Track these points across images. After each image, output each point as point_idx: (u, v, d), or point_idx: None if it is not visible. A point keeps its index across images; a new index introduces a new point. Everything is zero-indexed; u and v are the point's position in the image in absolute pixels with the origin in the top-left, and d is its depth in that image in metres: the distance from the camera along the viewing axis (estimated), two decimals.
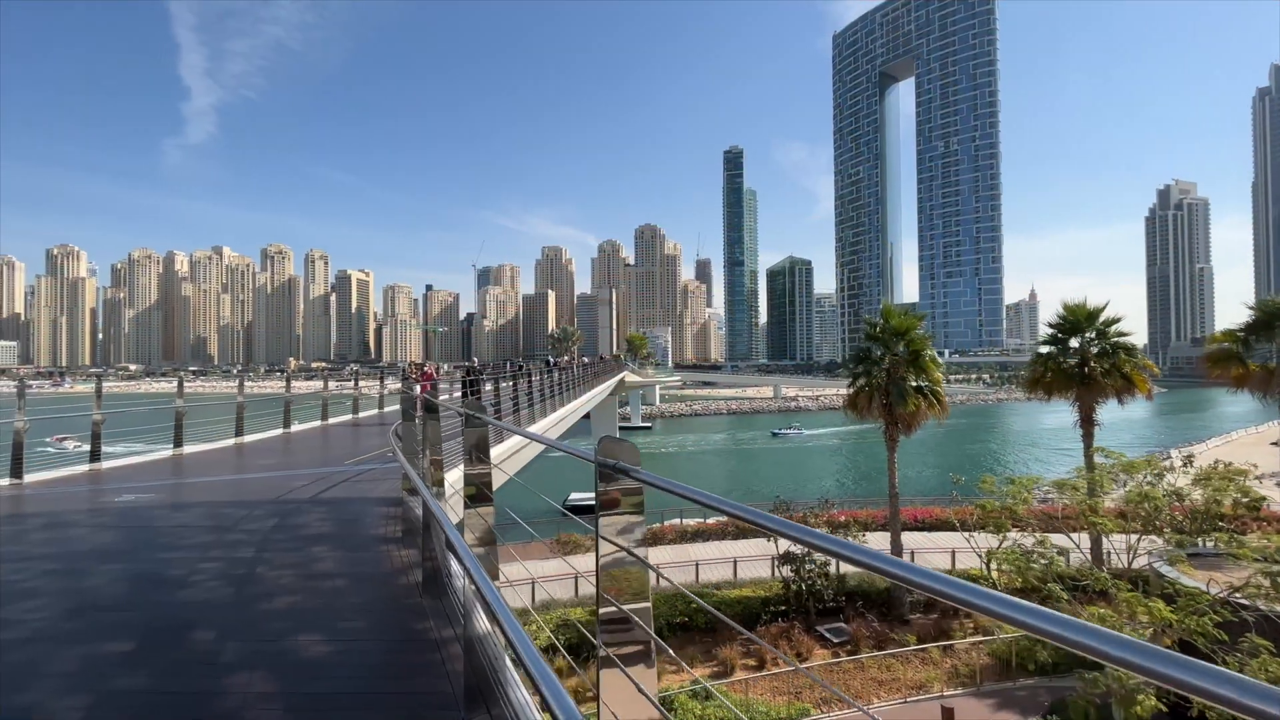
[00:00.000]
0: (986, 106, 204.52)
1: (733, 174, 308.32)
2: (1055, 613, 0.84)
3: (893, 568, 1.11)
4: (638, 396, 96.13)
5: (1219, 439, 65.68)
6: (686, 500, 1.68)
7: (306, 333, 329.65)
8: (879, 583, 21.96)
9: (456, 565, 4.63)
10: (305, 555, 5.38)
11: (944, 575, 1.04)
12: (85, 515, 7.24)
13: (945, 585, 1.01)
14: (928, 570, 1.08)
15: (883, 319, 22.67)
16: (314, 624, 3.88)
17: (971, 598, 0.97)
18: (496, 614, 2.09)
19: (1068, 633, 0.82)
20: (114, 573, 4.93)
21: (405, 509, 6.41)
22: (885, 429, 22.33)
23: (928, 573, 1.07)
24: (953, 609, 20.80)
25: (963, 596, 0.97)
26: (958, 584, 0.99)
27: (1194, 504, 16.78)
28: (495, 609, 2.13)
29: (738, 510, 1.50)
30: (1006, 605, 0.91)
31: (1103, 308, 23.13)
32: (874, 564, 1.14)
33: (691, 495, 1.62)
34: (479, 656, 3.03)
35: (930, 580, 1.05)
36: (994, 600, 0.94)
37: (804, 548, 18.61)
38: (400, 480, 7.27)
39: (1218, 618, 11.69)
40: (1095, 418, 22.68)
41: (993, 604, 0.93)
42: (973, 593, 0.97)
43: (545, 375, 20.10)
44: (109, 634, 3.74)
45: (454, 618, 3.92)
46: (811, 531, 1.30)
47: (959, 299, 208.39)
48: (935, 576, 1.05)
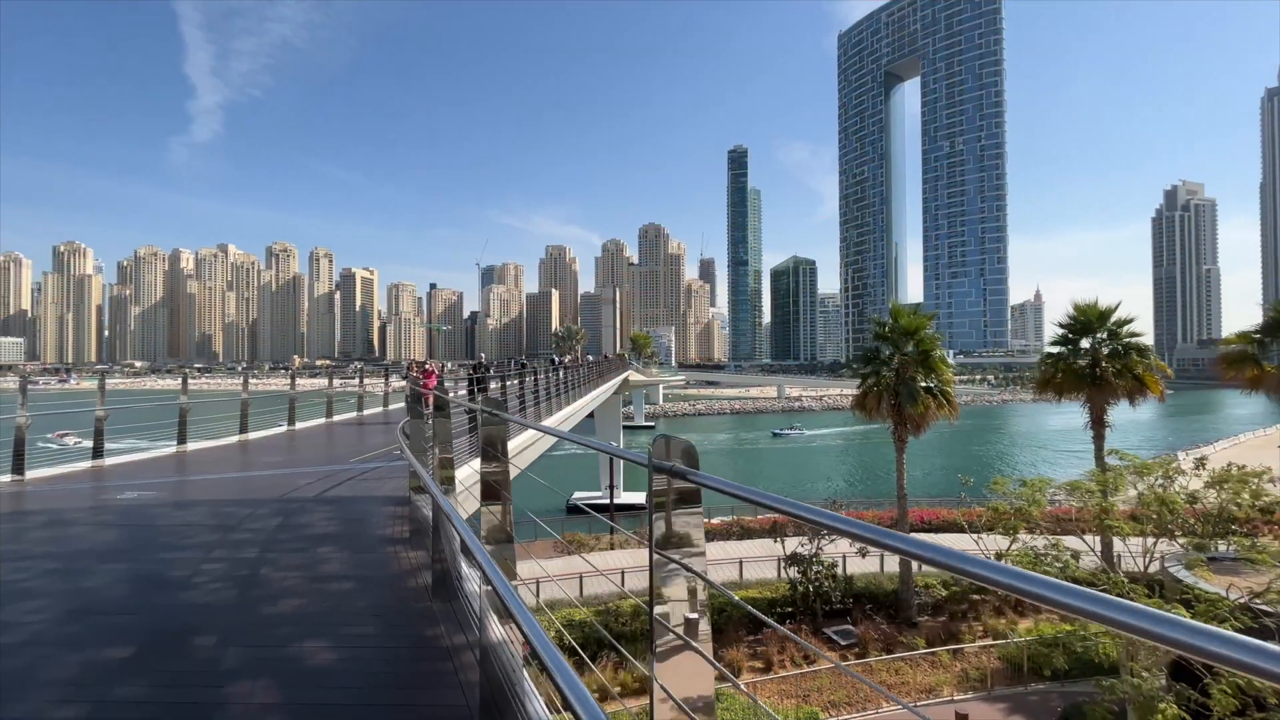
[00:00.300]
0: (992, 106, 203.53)
1: (737, 173, 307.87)
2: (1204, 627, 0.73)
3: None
4: (641, 396, 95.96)
5: (1226, 441, 65.16)
6: (752, 504, 1.49)
7: (311, 330, 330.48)
8: (886, 584, 21.75)
9: (467, 568, 4.47)
10: (310, 556, 5.23)
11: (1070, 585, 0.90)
12: (87, 513, 7.11)
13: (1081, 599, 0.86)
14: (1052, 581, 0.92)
15: (892, 318, 22.44)
16: (319, 630, 3.73)
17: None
18: (518, 620, 1.92)
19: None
20: (115, 573, 4.80)
21: (413, 508, 6.26)
22: (894, 430, 22.09)
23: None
24: (961, 611, 20.59)
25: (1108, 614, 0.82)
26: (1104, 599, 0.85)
27: (1206, 507, 16.51)
28: (517, 615, 1.96)
29: (813, 514, 1.32)
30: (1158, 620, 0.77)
31: (1114, 308, 22.85)
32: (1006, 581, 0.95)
33: (760, 499, 1.44)
34: (495, 666, 2.85)
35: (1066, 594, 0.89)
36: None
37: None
38: (407, 479, 7.11)
39: (1238, 624, 11.46)
40: (1106, 419, 22.40)
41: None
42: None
43: (551, 373, 19.94)
44: (109, 638, 3.61)
45: (465, 623, 3.75)
46: (915, 540, 1.11)
47: (964, 299, 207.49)
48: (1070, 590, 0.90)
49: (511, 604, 2.04)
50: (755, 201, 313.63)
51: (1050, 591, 0.89)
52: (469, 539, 2.82)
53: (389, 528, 6.15)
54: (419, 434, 6.70)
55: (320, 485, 8.31)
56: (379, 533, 5.99)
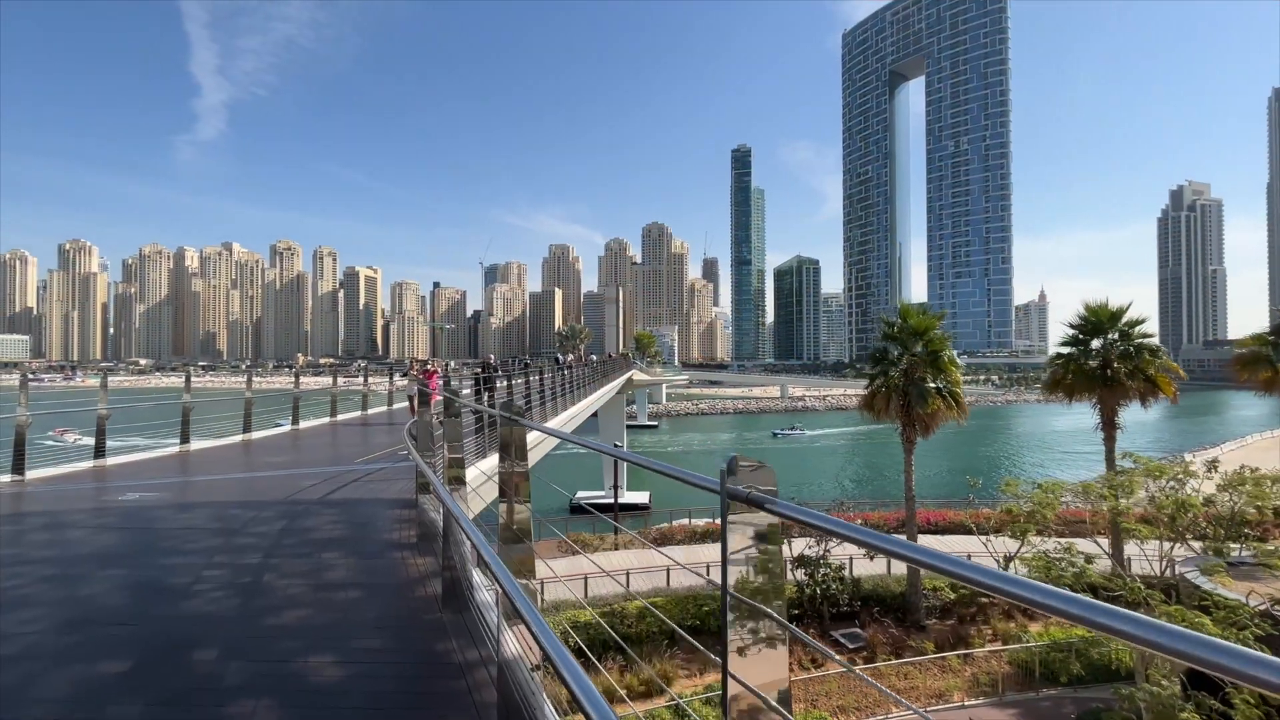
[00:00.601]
0: (997, 106, 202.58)
1: (740, 173, 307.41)
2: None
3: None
4: (644, 395, 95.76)
5: (1234, 443, 64.71)
6: (857, 544, 1.28)
7: (314, 329, 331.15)
8: (894, 587, 21.51)
9: (479, 577, 4.28)
10: (315, 563, 5.06)
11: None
12: (87, 516, 6.96)
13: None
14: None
15: (901, 318, 22.18)
16: (325, 643, 3.56)
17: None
18: (540, 640, 1.73)
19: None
20: (114, 580, 4.65)
21: (419, 512, 6.09)
22: (902, 430, 21.83)
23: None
24: (970, 614, 20.35)
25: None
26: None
27: (1218, 510, 16.26)
28: (539, 635, 1.77)
29: (912, 553, 1.13)
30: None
31: (1126, 308, 22.56)
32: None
33: (868, 539, 1.22)
34: (513, 688, 2.67)
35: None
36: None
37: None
38: (413, 480, 6.94)
39: (1259, 631, 11.22)
40: (1117, 421, 22.13)
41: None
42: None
43: (557, 373, 19.77)
44: (106, 651, 3.45)
45: (478, 637, 3.57)
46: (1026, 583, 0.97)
47: (968, 299, 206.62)
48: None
49: (533, 622, 1.86)
50: (759, 201, 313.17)
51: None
52: (483, 548, 2.64)
53: (396, 532, 5.98)
54: (426, 435, 6.53)
55: (325, 487, 8.15)
56: (385, 537, 5.83)
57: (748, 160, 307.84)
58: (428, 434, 6.63)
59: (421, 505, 6.18)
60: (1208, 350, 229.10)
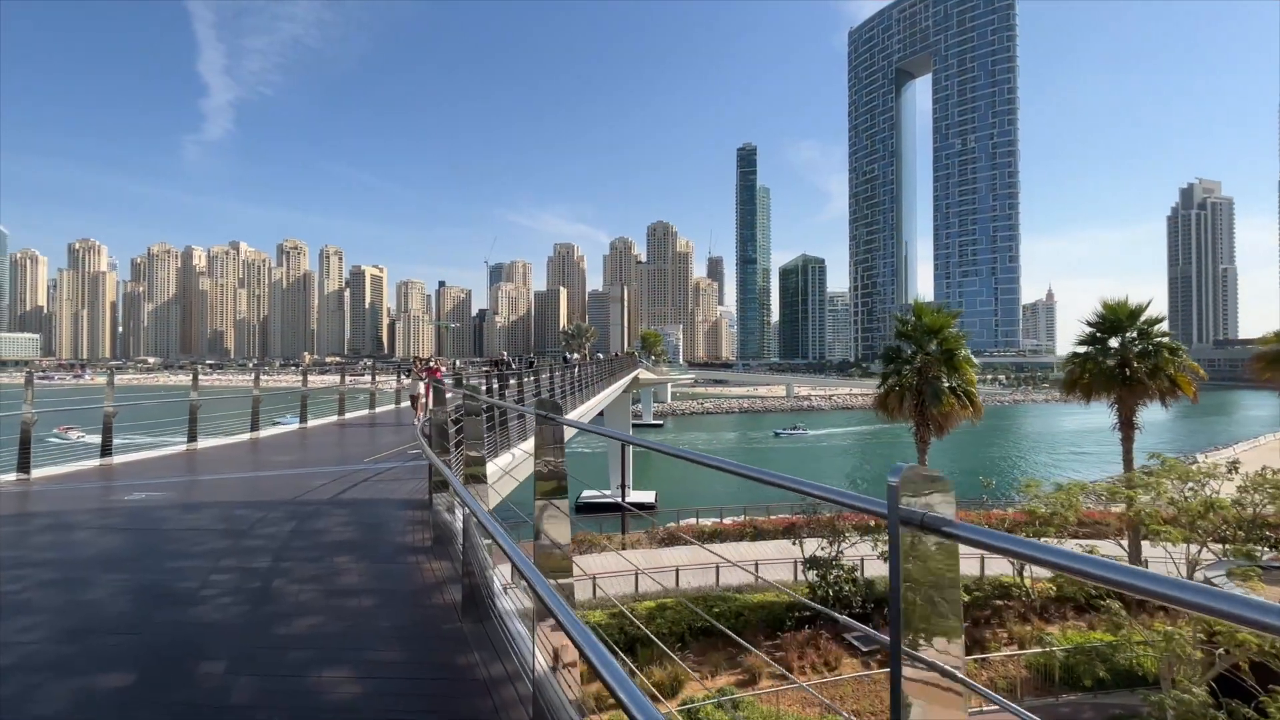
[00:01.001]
0: (1005, 103, 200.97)
1: (746, 171, 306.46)
2: None
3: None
4: (649, 394, 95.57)
5: (1246, 443, 64.04)
6: (1053, 568, 0.96)
7: (321, 328, 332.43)
8: None
9: (500, 583, 4.05)
10: (326, 567, 4.84)
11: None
12: (92, 516, 6.77)
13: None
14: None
15: (915, 316, 21.87)
16: (337, 655, 3.33)
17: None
18: (590, 657, 1.49)
19: None
20: (118, 584, 4.45)
21: (434, 513, 5.88)
22: (915, 430, 21.53)
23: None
24: (984, 617, 20.01)
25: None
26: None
27: (1243, 512, 15.88)
28: (583, 644, 1.54)
29: (1143, 580, 0.90)
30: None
31: (1145, 305, 22.21)
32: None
33: (1061, 562, 0.95)
34: (548, 712, 2.44)
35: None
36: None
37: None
38: (426, 480, 6.72)
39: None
40: (1135, 421, 21.75)
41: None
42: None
43: (565, 371, 19.61)
44: (108, 662, 3.24)
45: (503, 650, 3.34)
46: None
47: (975, 299, 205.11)
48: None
49: (575, 630, 1.62)
50: (764, 200, 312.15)
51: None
52: (512, 552, 2.40)
53: (409, 534, 5.77)
54: (441, 433, 6.31)
55: (334, 487, 7.95)
56: (399, 540, 5.61)
57: (753, 159, 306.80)
58: (443, 432, 6.41)
59: (435, 506, 5.97)
60: (1218, 350, 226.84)
